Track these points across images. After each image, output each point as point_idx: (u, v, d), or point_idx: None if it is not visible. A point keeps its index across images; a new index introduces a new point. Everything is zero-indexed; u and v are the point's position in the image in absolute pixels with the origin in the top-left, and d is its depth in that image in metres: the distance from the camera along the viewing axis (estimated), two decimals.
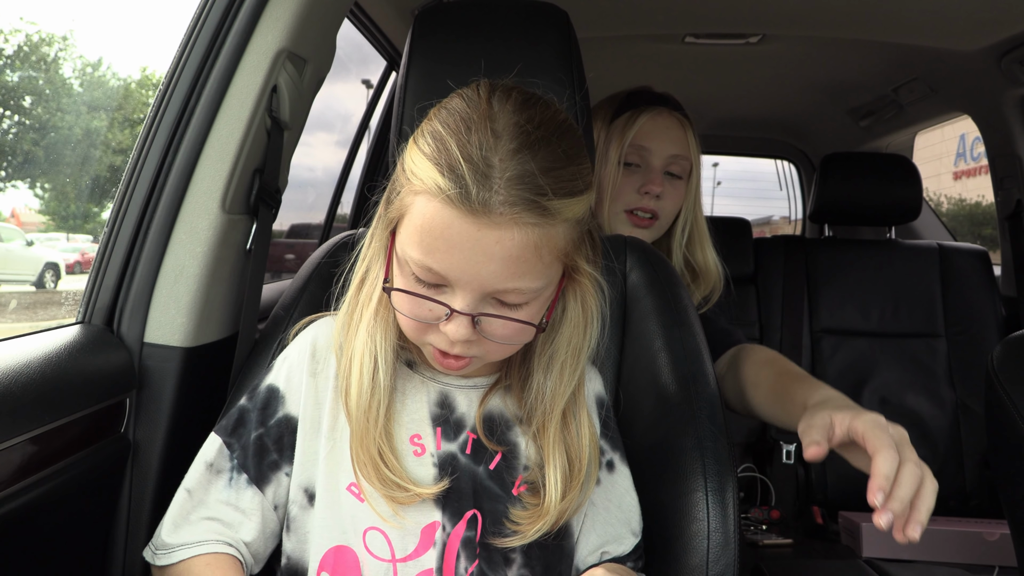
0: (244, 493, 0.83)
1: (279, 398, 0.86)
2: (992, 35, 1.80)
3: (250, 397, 0.88)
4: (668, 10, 1.86)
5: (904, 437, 0.77)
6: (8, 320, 4.39)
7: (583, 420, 0.86)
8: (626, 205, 1.40)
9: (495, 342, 0.77)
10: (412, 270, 0.75)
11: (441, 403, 0.87)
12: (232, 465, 0.84)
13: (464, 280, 0.72)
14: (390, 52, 1.99)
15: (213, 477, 0.84)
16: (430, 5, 1.15)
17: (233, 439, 0.85)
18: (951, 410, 1.99)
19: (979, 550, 1.66)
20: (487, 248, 0.70)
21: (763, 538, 1.81)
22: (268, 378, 0.88)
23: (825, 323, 2.08)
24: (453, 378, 0.88)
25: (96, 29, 12.73)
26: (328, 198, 2.36)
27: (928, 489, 0.75)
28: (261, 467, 0.84)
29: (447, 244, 0.71)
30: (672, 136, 1.40)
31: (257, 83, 1.01)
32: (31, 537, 0.83)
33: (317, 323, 0.91)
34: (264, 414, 0.86)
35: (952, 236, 2.86)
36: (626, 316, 1.06)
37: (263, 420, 0.85)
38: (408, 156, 0.76)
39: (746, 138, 3.42)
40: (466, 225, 0.70)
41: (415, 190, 0.73)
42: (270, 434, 0.85)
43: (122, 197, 1.02)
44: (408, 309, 0.77)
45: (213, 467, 0.85)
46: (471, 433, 0.86)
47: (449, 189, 0.69)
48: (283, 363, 0.89)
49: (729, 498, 0.89)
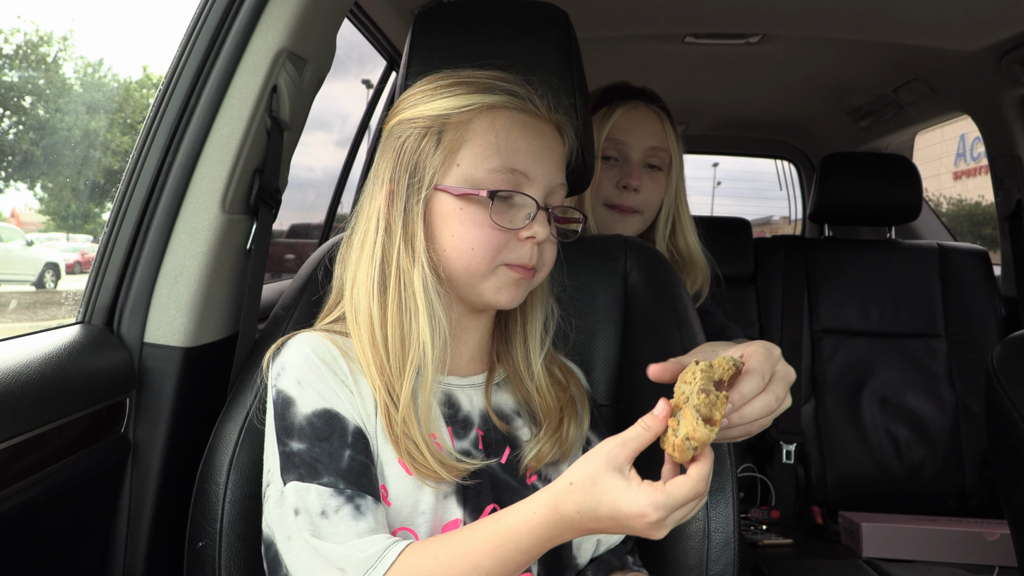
0: (377, 513, 0.77)
1: (335, 416, 0.80)
2: (992, 35, 1.80)
3: (300, 438, 0.78)
4: (668, 10, 1.86)
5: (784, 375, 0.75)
6: (8, 320, 4.39)
7: (559, 370, 0.94)
8: (605, 199, 1.41)
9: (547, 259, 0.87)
10: (501, 183, 0.83)
11: (448, 403, 0.88)
12: (348, 496, 0.75)
13: (540, 174, 0.85)
14: (390, 52, 1.99)
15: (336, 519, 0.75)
16: (430, 5, 1.15)
17: (325, 478, 0.76)
18: (951, 410, 1.99)
19: (979, 550, 1.66)
20: (550, 142, 0.87)
21: (763, 538, 1.81)
22: (301, 407, 0.80)
23: (825, 323, 2.08)
24: (453, 378, 0.89)
25: (96, 29, 12.73)
26: (326, 198, 2.37)
27: (765, 420, 0.75)
28: (374, 483, 0.78)
29: (527, 145, 0.84)
30: (649, 129, 1.41)
31: (257, 83, 1.01)
32: (31, 537, 0.83)
33: (299, 340, 0.85)
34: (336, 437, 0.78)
35: (952, 236, 2.86)
36: (626, 316, 1.06)
37: (343, 442, 0.78)
38: (424, 107, 0.86)
39: (746, 138, 3.42)
40: (535, 125, 0.86)
41: (473, 115, 0.84)
42: (358, 449, 0.79)
43: (122, 197, 1.02)
44: (496, 220, 0.82)
45: (326, 512, 0.75)
46: (479, 430, 0.87)
47: (515, 103, 0.85)
48: (300, 388, 0.81)
49: (729, 498, 0.89)
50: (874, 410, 2.00)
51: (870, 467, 1.96)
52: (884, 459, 1.97)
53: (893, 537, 1.69)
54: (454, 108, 0.84)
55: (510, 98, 0.85)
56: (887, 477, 1.96)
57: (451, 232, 0.84)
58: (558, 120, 0.90)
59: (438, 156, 0.84)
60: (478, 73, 0.88)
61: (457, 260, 0.84)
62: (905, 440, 1.97)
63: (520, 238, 0.84)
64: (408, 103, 0.88)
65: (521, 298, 0.87)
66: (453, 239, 0.84)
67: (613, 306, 1.06)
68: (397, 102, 0.91)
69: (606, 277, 1.07)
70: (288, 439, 0.79)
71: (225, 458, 0.92)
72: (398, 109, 0.89)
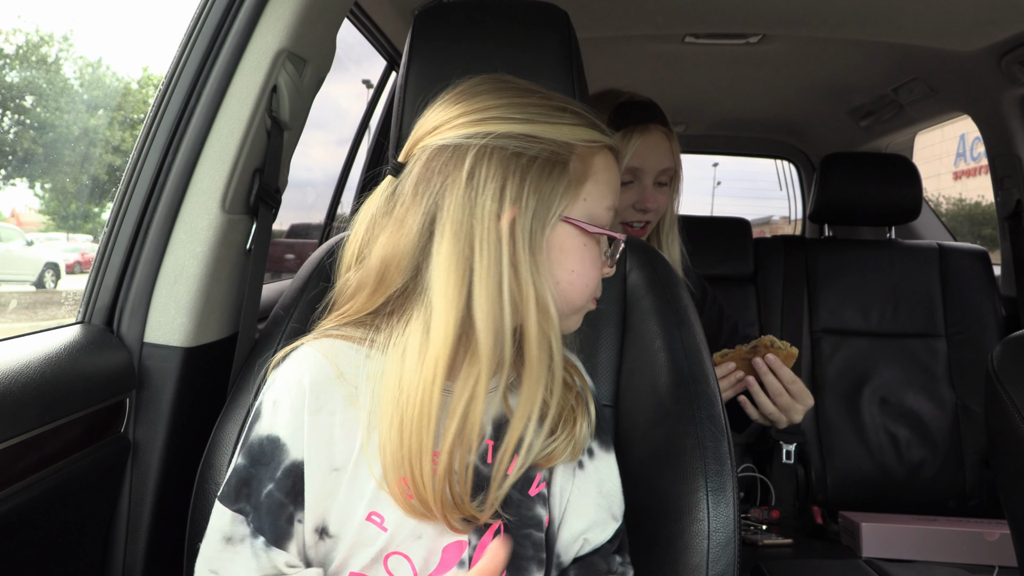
0: (274, 556, 0.76)
1: (280, 447, 0.78)
2: (992, 35, 1.80)
3: (245, 455, 0.79)
4: (668, 10, 1.86)
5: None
6: (8, 320, 4.38)
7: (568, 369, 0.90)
8: (622, 219, 1.48)
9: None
10: (605, 220, 0.85)
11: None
12: (250, 530, 0.76)
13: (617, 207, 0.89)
14: (390, 52, 1.99)
15: (235, 550, 0.76)
16: (430, 5, 1.15)
17: (243, 503, 0.77)
18: (951, 410, 1.99)
19: (979, 550, 1.65)
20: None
21: (763, 538, 1.81)
22: (260, 428, 0.79)
23: (825, 323, 2.08)
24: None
25: (96, 29, 12.74)
26: (325, 197, 2.37)
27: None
28: (278, 524, 0.77)
29: (616, 183, 0.87)
30: (661, 152, 1.46)
31: (257, 83, 1.01)
32: (31, 537, 0.83)
33: (303, 355, 0.82)
34: (268, 468, 0.78)
35: (952, 236, 2.86)
36: (626, 316, 1.06)
37: (270, 474, 0.77)
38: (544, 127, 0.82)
39: (746, 138, 3.42)
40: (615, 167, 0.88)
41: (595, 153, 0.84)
42: (281, 487, 0.77)
43: (122, 197, 1.02)
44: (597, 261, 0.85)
45: (232, 540, 0.76)
46: (489, 440, 0.83)
47: (610, 140, 0.86)
48: (274, 408, 0.79)
49: (729, 498, 0.89)
50: (874, 410, 2.00)
51: (870, 467, 1.97)
52: (884, 459, 1.97)
53: (893, 537, 1.69)
54: (581, 140, 0.82)
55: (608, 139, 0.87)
56: (887, 477, 1.96)
57: (570, 267, 0.82)
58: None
59: (565, 185, 0.81)
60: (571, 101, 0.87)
61: (569, 293, 0.83)
62: (905, 440, 1.97)
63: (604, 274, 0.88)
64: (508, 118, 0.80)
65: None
66: (572, 274, 0.83)
67: (613, 307, 1.06)
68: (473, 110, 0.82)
69: (606, 278, 1.07)
70: (241, 450, 0.79)
71: (225, 458, 0.92)
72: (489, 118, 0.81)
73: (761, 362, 1.31)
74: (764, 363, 1.30)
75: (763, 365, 1.30)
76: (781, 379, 1.29)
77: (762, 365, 1.30)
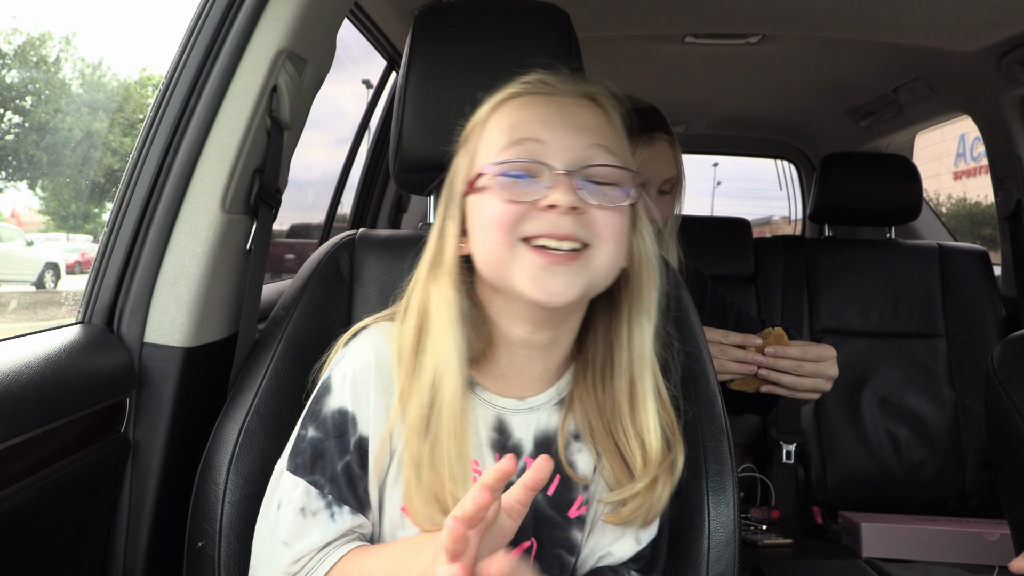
0: (352, 522, 0.78)
1: (350, 420, 0.80)
2: (992, 35, 1.80)
3: (318, 426, 0.80)
4: (668, 10, 1.86)
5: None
6: (8, 320, 4.38)
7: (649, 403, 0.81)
8: None
9: (603, 231, 0.75)
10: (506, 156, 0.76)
11: (498, 427, 0.83)
12: (328, 501, 0.77)
13: (556, 139, 0.76)
14: (390, 52, 1.99)
15: (312, 520, 0.77)
16: (430, 5, 1.15)
17: (317, 475, 0.78)
18: (951, 410, 1.99)
19: (979, 550, 1.66)
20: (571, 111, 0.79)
21: (763, 538, 1.81)
22: (332, 401, 0.81)
23: (825, 323, 2.08)
24: (509, 401, 0.83)
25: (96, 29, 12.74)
26: (325, 197, 2.37)
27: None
28: (358, 495, 0.78)
29: (536, 115, 0.78)
30: (665, 162, 1.46)
31: (257, 83, 1.01)
32: (31, 537, 0.83)
33: (372, 334, 0.84)
34: (342, 442, 0.79)
35: (952, 236, 2.86)
36: None
37: (343, 447, 0.79)
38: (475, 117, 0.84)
39: (746, 138, 3.42)
40: (548, 99, 0.80)
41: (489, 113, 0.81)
42: (356, 460, 0.79)
43: (122, 197, 1.02)
44: (505, 195, 0.75)
45: (307, 511, 0.77)
46: (528, 459, 0.81)
47: (526, 88, 0.81)
48: (344, 381, 0.81)
49: (729, 498, 0.89)
50: (874, 410, 2.00)
51: (870, 467, 1.96)
52: (884, 459, 1.97)
53: (893, 537, 1.69)
54: (477, 117, 0.83)
55: (522, 86, 0.82)
56: (887, 477, 1.96)
57: (474, 230, 0.78)
58: (584, 91, 0.82)
59: (463, 164, 0.81)
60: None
61: (481, 252, 0.77)
62: (905, 440, 1.97)
63: (539, 208, 0.74)
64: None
65: (566, 291, 0.74)
66: (477, 234, 0.77)
67: None
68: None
69: None
70: (310, 423, 0.81)
71: (225, 458, 0.92)
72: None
73: (765, 359, 1.32)
74: (768, 358, 1.32)
75: (768, 360, 1.31)
76: (791, 357, 1.30)
77: (767, 360, 1.31)
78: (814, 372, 1.32)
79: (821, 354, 1.32)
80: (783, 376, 1.31)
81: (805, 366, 1.31)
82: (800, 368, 1.31)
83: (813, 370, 1.32)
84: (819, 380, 1.32)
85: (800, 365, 1.31)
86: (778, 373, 1.31)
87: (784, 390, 1.33)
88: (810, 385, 1.32)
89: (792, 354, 1.31)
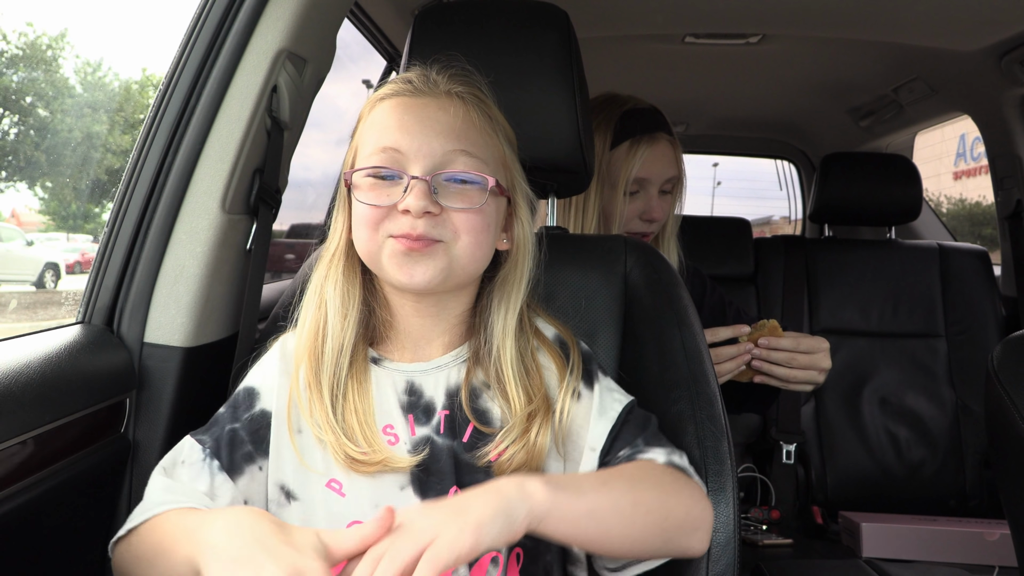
0: (216, 478, 0.82)
1: (254, 395, 0.88)
2: (992, 35, 1.80)
3: (227, 404, 0.89)
4: (668, 10, 1.86)
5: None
6: (8, 320, 4.38)
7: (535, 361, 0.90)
8: (628, 228, 1.49)
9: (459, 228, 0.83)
10: (372, 162, 0.83)
11: (410, 391, 0.88)
12: (204, 455, 0.83)
13: (415, 147, 0.83)
14: (390, 52, 1.99)
15: (182, 467, 0.83)
16: (430, 5, 1.15)
17: (204, 436, 0.86)
18: (951, 410, 1.99)
19: (979, 550, 1.66)
20: (431, 116, 0.85)
21: (763, 538, 1.81)
22: (243, 384, 0.91)
23: (825, 323, 2.08)
24: (417, 364, 0.90)
25: (96, 29, 12.74)
26: (325, 197, 2.36)
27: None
28: (234, 457, 0.84)
29: (399, 122, 0.84)
30: (667, 161, 1.47)
31: (257, 83, 1.02)
32: (31, 537, 0.83)
33: (286, 333, 0.94)
34: (237, 412, 0.87)
35: (952, 236, 2.86)
36: (626, 316, 1.06)
37: (236, 416, 0.87)
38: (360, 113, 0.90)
39: (746, 138, 3.42)
40: (413, 102, 0.85)
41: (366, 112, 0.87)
42: (244, 427, 0.86)
43: (122, 197, 1.02)
44: (370, 198, 0.83)
45: (184, 461, 0.84)
46: (443, 411, 0.87)
47: (396, 89, 0.87)
48: (255, 367, 0.92)
49: (729, 498, 0.89)
50: (874, 410, 2.00)
51: (870, 467, 1.97)
52: (884, 459, 1.97)
53: (893, 537, 1.70)
54: (360, 114, 0.89)
55: (392, 86, 0.88)
56: (887, 477, 1.96)
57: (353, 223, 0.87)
58: (449, 89, 0.88)
59: (348, 160, 0.89)
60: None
61: (358, 243, 0.86)
62: (905, 440, 1.97)
63: (398, 210, 0.83)
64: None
65: (426, 276, 0.83)
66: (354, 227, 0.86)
67: (613, 306, 1.06)
68: None
69: (606, 277, 1.07)
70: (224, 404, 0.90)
71: None
72: None
73: (760, 350, 1.32)
74: (762, 350, 1.32)
75: (763, 351, 1.32)
76: (784, 348, 1.31)
77: (761, 351, 1.32)
78: (807, 364, 1.33)
79: (814, 346, 1.33)
80: (776, 368, 1.32)
81: (798, 358, 1.32)
82: (793, 360, 1.32)
83: (806, 362, 1.33)
84: (812, 372, 1.33)
85: (793, 357, 1.32)
86: (771, 365, 1.32)
87: (777, 381, 1.33)
88: (803, 377, 1.33)
89: (785, 345, 1.32)
